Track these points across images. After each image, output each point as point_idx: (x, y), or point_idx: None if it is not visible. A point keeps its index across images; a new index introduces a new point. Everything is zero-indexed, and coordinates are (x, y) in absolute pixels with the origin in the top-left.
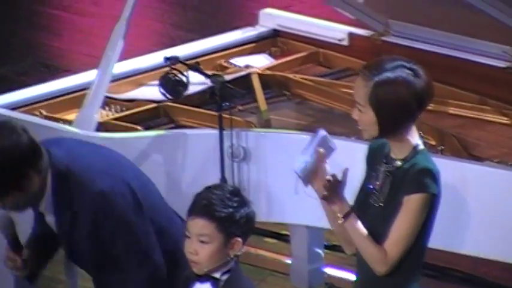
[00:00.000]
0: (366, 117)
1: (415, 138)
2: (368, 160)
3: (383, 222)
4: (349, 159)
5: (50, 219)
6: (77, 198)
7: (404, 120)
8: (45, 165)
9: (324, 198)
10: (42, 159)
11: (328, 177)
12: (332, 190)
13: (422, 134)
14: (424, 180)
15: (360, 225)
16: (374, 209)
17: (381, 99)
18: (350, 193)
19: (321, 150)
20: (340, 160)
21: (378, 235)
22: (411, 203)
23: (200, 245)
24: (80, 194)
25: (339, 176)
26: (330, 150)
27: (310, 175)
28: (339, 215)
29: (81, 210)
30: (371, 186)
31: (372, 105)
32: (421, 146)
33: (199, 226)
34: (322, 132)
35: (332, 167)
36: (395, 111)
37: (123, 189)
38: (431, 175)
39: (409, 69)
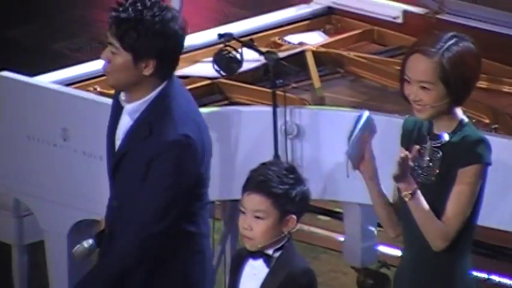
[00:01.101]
0: (435, 94)
1: (460, 112)
2: (404, 140)
3: (437, 197)
4: None
5: (125, 119)
6: (160, 127)
7: (472, 91)
8: (163, 79)
9: (395, 177)
10: (166, 72)
11: (402, 154)
12: (403, 170)
13: (474, 113)
14: (479, 151)
15: (424, 201)
16: (425, 186)
17: (453, 72)
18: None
19: (366, 133)
20: (392, 138)
21: (433, 210)
22: (467, 174)
23: (255, 220)
24: (165, 126)
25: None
26: (374, 130)
27: (358, 159)
28: (405, 192)
29: (156, 138)
30: (416, 164)
31: (443, 80)
32: (466, 120)
33: (255, 202)
34: (366, 113)
35: (385, 146)
36: (467, 82)
37: (199, 149)
38: (485, 145)
39: (464, 39)
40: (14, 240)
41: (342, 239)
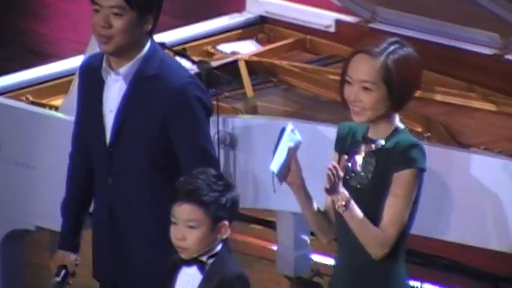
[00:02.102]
0: (376, 95)
1: (397, 119)
2: (338, 145)
3: (372, 202)
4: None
5: (116, 87)
6: (164, 77)
7: (412, 96)
8: (151, 35)
9: (326, 190)
10: (155, 26)
11: (330, 166)
12: (334, 181)
13: (407, 121)
14: (413, 155)
15: (358, 211)
16: (359, 192)
17: (397, 74)
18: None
19: (291, 145)
20: (326, 147)
21: (368, 216)
22: (402, 179)
23: (188, 230)
24: (169, 75)
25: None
26: (297, 142)
27: (284, 171)
28: (338, 204)
29: (163, 88)
30: (350, 169)
31: (385, 81)
32: (402, 126)
33: (187, 211)
34: (289, 126)
35: (320, 154)
36: (409, 86)
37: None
38: (419, 149)
39: (407, 46)
40: None
41: (275, 248)
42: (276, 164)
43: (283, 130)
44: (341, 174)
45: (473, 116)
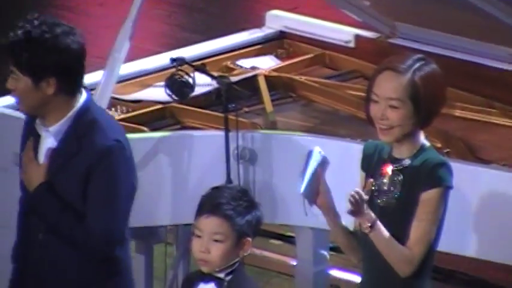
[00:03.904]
0: (403, 112)
1: (422, 137)
2: (364, 164)
3: (398, 221)
4: (356, 162)
5: (48, 143)
6: (90, 138)
7: (439, 112)
8: (73, 95)
9: (351, 213)
10: (73, 87)
11: (353, 192)
12: (357, 204)
13: (428, 137)
14: (441, 174)
15: (384, 231)
16: (385, 211)
17: (424, 91)
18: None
19: (319, 168)
20: (346, 163)
21: (394, 235)
22: (430, 198)
23: (213, 243)
24: (96, 137)
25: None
26: (326, 164)
27: (313, 194)
28: (365, 226)
29: (89, 150)
30: (377, 188)
31: (412, 99)
32: (428, 144)
33: (214, 224)
34: (317, 149)
35: (340, 171)
36: (436, 103)
37: (131, 158)
38: (447, 168)
39: (431, 62)
40: None
41: (294, 263)
42: (305, 188)
43: (310, 153)
44: (365, 197)
45: (493, 131)
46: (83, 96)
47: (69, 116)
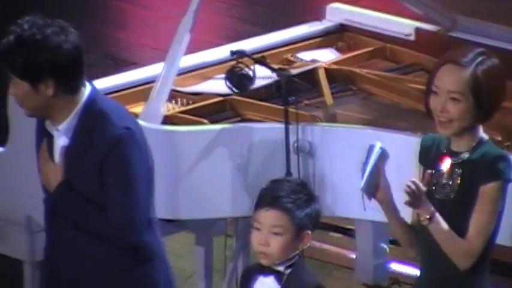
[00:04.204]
0: (464, 106)
1: (481, 130)
2: (422, 158)
3: (457, 215)
4: (416, 155)
5: (61, 142)
6: (100, 130)
7: (500, 106)
8: (75, 92)
9: (408, 204)
10: (73, 84)
11: (409, 182)
12: (415, 196)
13: (487, 131)
14: (500, 167)
15: (443, 223)
16: (444, 204)
17: (486, 85)
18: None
19: (379, 163)
20: (406, 156)
21: (453, 228)
22: (489, 191)
23: (273, 236)
24: (105, 127)
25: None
26: (386, 158)
27: (373, 189)
28: (423, 218)
29: (100, 141)
30: (435, 181)
31: (473, 92)
32: (486, 137)
33: (273, 217)
34: (378, 144)
35: (399, 165)
36: (497, 97)
37: (143, 142)
38: (506, 161)
39: (492, 56)
40: (26, 256)
41: (353, 256)
42: (365, 183)
43: (371, 148)
44: (423, 188)
45: None
46: (87, 89)
47: (76, 112)
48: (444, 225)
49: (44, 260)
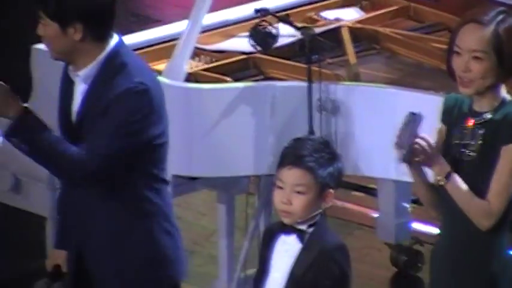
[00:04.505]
0: (486, 64)
1: (503, 90)
2: (445, 117)
3: (478, 175)
4: (438, 114)
5: (81, 88)
6: (115, 80)
7: None
8: (102, 41)
9: (421, 162)
10: (101, 33)
11: (419, 140)
12: (427, 153)
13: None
14: None
15: (461, 182)
16: (466, 164)
17: (508, 43)
18: None
19: (416, 129)
20: (429, 115)
21: (473, 189)
22: (510, 152)
23: (295, 195)
24: (119, 79)
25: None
26: (421, 121)
27: (411, 156)
28: (439, 177)
29: (111, 91)
30: (457, 141)
31: (496, 50)
32: (509, 98)
33: (296, 176)
34: (419, 115)
35: (423, 124)
36: None
37: (157, 100)
38: None
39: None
40: (49, 212)
41: (375, 215)
42: (408, 153)
43: (414, 117)
44: (433, 145)
45: None
46: (113, 40)
47: (98, 61)
48: (462, 185)
49: (56, 211)
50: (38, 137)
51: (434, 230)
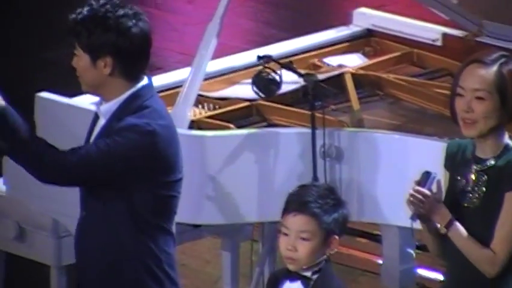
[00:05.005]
0: (489, 105)
1: (506, 136)
2: (448, 164)
3: (482, 222)
4: (442, 160)
5: (100, 122)
6: (128, 119)
7: None
8: (131, 80)
9: (419, 215)
10: (130, 71)
11: (412, 191)
12: (424, 204)
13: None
14: None
15: (463, 230)
16: (470, 211)
17: (511, 83)
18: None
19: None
20: (433, 161)
21: (478, 236)
22: None
23: (300, 241)
24: (132, 118)
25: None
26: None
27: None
28: (440, 225)
29: (123, 124)
30: (461, 188)
31: (499, 91)
32: None
33: (301, 222)
34: (434, 174)
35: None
36: None
37: (163, 148)
38: None
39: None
40: (52, 261)
41: (380, 261)
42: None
43: (428, 176)
44: (428, 193)
45: None
46: (142, 82)
47: (121, 98)
48: (463, 233)
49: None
50: (19, 134)
51: (439, 276)
